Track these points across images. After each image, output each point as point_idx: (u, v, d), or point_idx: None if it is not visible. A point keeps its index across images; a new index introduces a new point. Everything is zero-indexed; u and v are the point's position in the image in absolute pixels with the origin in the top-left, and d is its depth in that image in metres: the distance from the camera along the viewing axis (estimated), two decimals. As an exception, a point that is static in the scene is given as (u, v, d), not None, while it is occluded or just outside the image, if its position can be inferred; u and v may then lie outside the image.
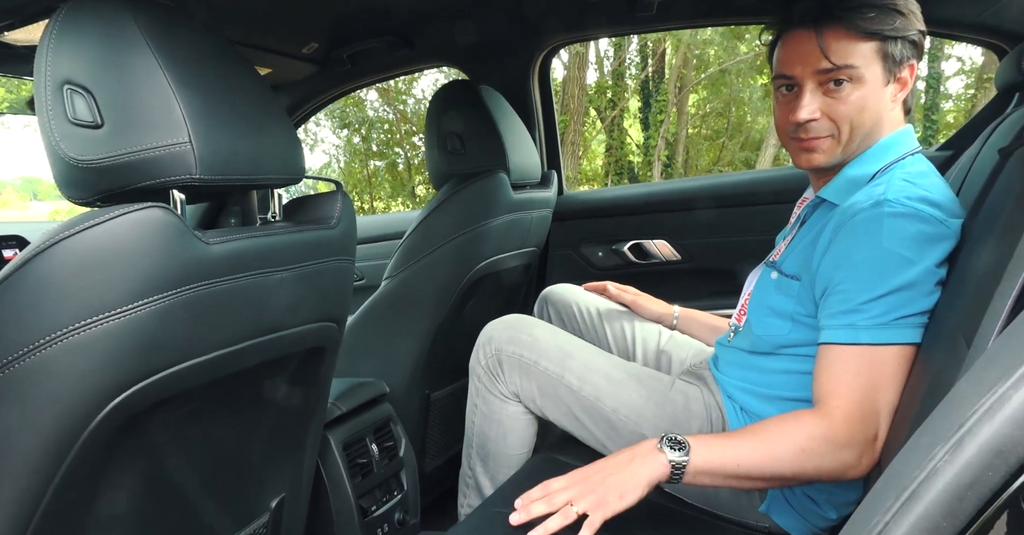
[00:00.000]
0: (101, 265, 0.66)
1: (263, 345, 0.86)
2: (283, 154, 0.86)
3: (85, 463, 0.69)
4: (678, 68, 9.31)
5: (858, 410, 0.88)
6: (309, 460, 1.06)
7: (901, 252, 0.87)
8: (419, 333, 1.42)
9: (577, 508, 0.84)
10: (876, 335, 0.88)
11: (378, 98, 9.77)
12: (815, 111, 0.98)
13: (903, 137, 1.01)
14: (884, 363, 0.88)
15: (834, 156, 1.01)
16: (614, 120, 9.49)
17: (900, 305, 0.88)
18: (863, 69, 0.95)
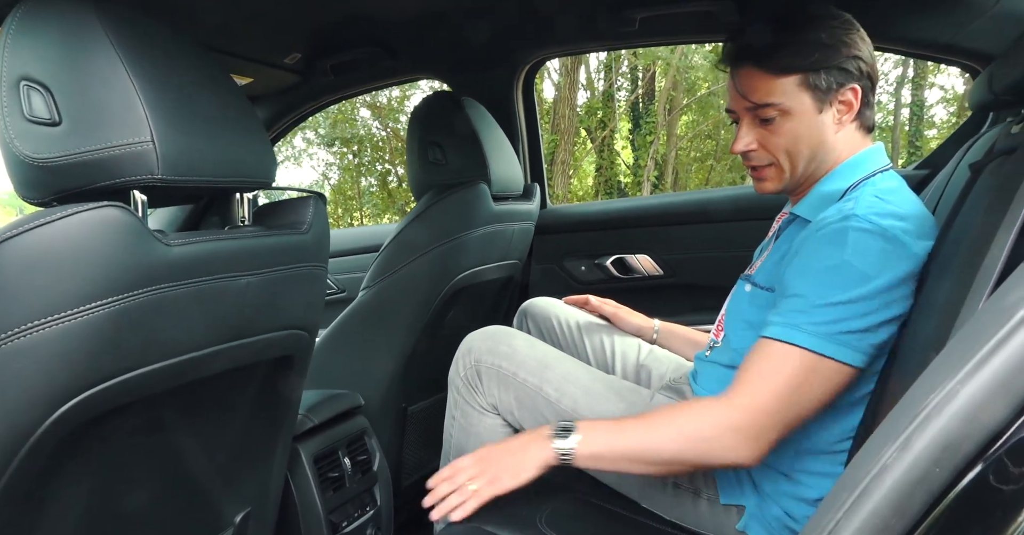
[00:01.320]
0: (51, 265, 0.64)
1: (227, 352, 0.83)
2: (252, 158, 0.84)
3: (29, 474, 0.66)
4: (667, 90, 9.44)
5: (762, 404, 0.88)
6: (277, 473, 1.03)
7: (860, 267, 0.88)
8: (396, 345, 1.39)
9: (473, 486, 0.91)
10: (814, 343, 0.88)
11: (371, 116, 9.82)
12: (751, 143, 1.03)
13: (872, 155, 1.03)
14: (811, 372, 0.88)
15: (783, 182, 1.05)
16: (604, 140, 9.57)
17: (848, 318, 0.87)
18: (788, 102, 0.98)
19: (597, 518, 1.08)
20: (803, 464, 1.03)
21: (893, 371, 0.90)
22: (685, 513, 1.10)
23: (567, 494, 1.13)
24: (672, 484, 1.10)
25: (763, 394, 0.89)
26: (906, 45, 1.03)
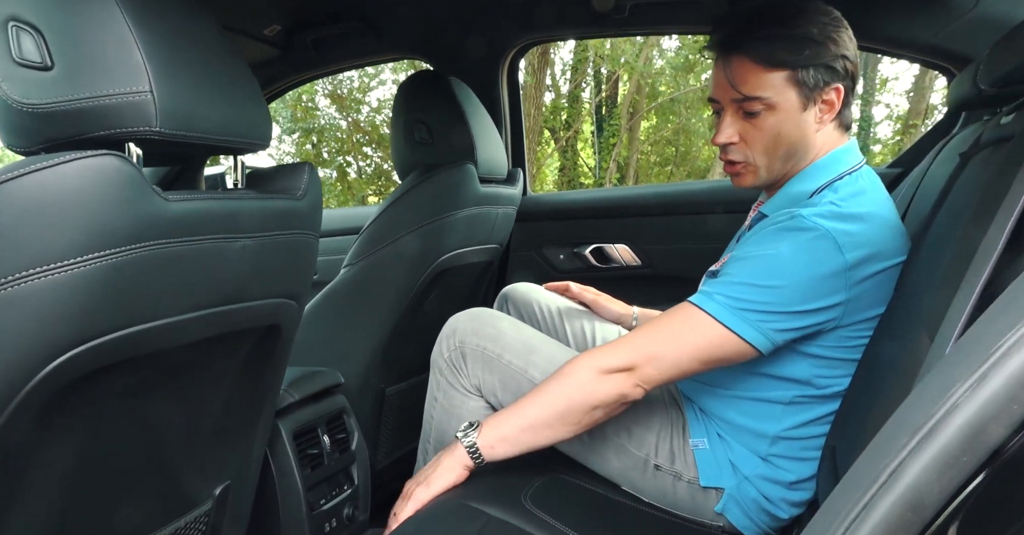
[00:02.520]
0: (46, 212, 0.61)
1: (218, 316, 0.80)
2: (249, 118, 0.81)
3: (16, 431, 0.62)
4: (631, 94, 9.56)
5: (634, 344, 0.96)
6: (258, 447, 0.99)
7: (787, 260, 0.91)
8: (377, 324, 1.37)
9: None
10: (716, 310, 0.93)
11: (330, 104, 9.64)
12: (732, 135, 1.03)
13: (843, 155, 1.04)
14: (700, 331, 0.94)
15: (759, 178, 1.06)
16: (568, 141, 9.64)
17: (758, 300, 0.92)
18: (775, 97, 0.98)
19: (580, 497, 1.09)
20: (779, 449, 1.06)
21: (870, 364, 0.93)
22: (665, 495, 1.11)
23: (550, 475, 1.13)
24: (653, 467, 1.11)
25: (640, 338, 0.96)
26: (887, 44, 1.07)
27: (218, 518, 0.94)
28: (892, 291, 0.94)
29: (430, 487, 0.99)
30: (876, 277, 0.93)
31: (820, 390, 1.02)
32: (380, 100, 9.62)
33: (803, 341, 0.98)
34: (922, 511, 0.34)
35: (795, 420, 1.04)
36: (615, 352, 0.96)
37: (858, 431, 0.85)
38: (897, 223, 0.99)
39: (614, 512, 1.06)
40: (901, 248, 0.96)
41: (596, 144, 9.50)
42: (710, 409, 1.12)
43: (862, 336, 0.97)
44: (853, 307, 0.94)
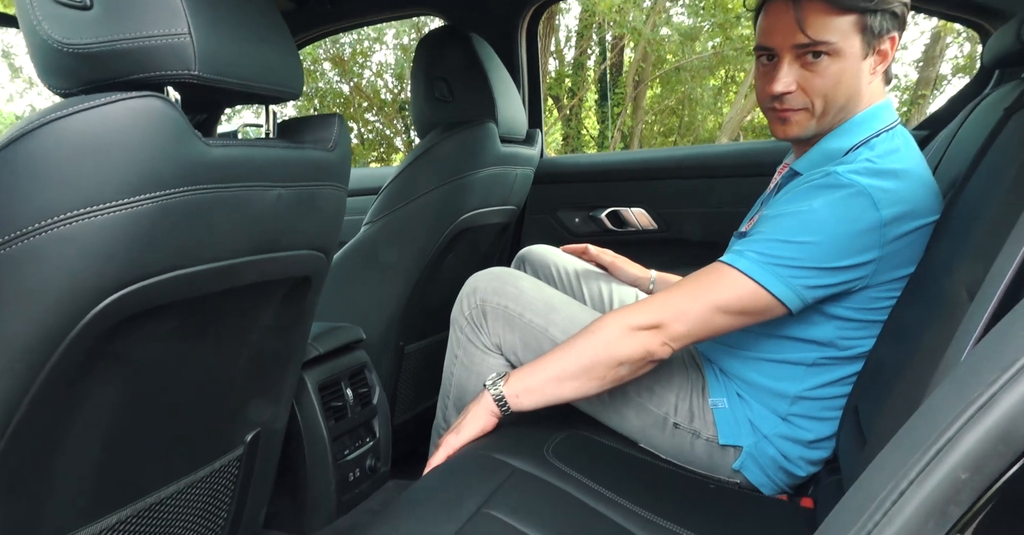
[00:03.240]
0: (96, 152, 0.61)
1: (255, 264, 0.81)
2: (285, 66, 0.81)
3: (69, 369, 0.64)
4: (637, 62, 9.42)
5: (666, 301, 0.96)
6: (287, 396, 1.01)
7: (821, 217, 0.91)
8: (398, 282, 1.37)
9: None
10: (748, 267, 0.93)
11: (332, 69, 9.50)
12: (791, 84, 1.00)
13: (880, 112, 1.02)
14: (730, 288, 0.94)
15: (808, 128, 1.03)
16: (572, 109, 9.53)
17: (790, 256, 0.91)
18: (841, 43, 0.96)
19: (599, 452, 1.11)
20: (800, 409, 1.07)
21: (897, 325, 0.93)
22: (682, 453, 1.13)
23: (571, 431, 1.15)
24: (672, 425, 1.13)
25: (670, 296, 0.96)
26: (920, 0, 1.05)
27: (249, 463, 0.96)
28: (923, 251, 0.94)
29: (460, 434, 1.01)
30: (909, 235, 0.93)
31: (843, 352, 1.02)
32: (380, 64, 9.46)
33: (830, 302, 0.98)
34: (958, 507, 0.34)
35: (817, 381, 1.05)
36: (644, 309, 0.97)
37: (885, 392, 0.85)
38: (932, 182, 0.98)
39: (633, 466, 1.08)
40: (936, 207, 0.95)
41: (601, 113, 9.39)
42: (731, 370, 1.12)
43: (889, 297, 0.97)
44: (884, 266, 0.94)
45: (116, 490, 0.77)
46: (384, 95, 9.18)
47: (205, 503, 0.91)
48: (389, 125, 9.37)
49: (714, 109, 9.60)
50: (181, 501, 0.86)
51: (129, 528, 0.80)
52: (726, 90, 9.69)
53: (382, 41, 8.97)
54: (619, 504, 0.94)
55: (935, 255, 0.88)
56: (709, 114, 9.97)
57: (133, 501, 0.79)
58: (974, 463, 0.32)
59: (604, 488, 0.97)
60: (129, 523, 0.79)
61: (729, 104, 9.55)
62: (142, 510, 0.80)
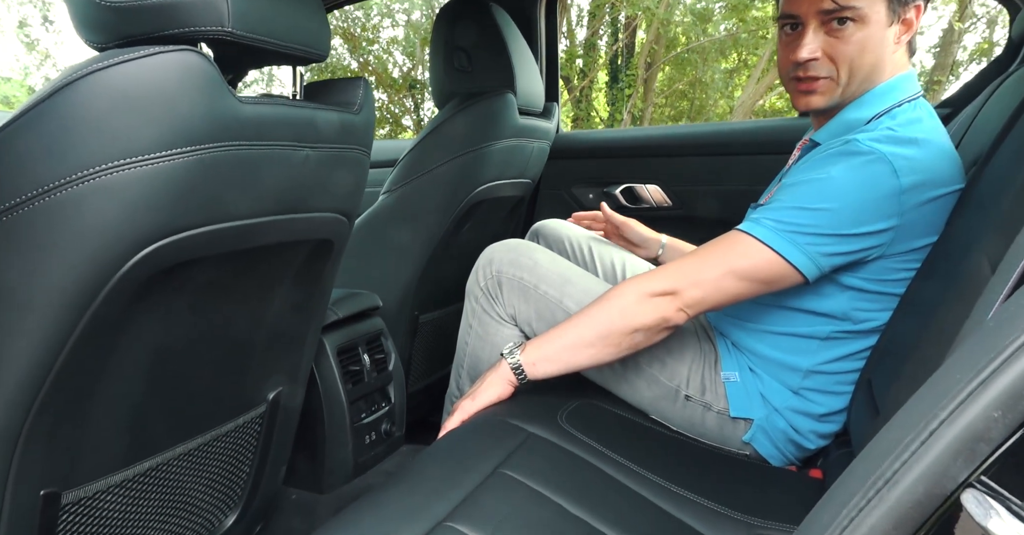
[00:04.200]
0: (135, 104, 0.62)
1: (281, 224, 0.82)
2: (314, 27, 0.81)
3: (108, 316, 0.65)
4: (650, 43, 9.32)
5: (681, 268, 0.96)
6: (307, 356, 1.03)
7: (840, 183, 0.91)
8: (414, 251, 1.38)
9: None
10: (764, 234, 0.93)
11: (342, 44, 9.43)
12: (816, 50, 0.99)
13: (903, 82, 1.02)
14: (746, 255, 0.94)
15: (833, 98, 1.02)
16: (582, 91, 9.45)
17: (808, 224, 0.91)
18: (866, 9, 0.95)
19: (612, 420, 1.12)
20: (812, 383, 1.08)
21: (913, 298, 0.94)
22: (693, 425, 1.14)
23: (584, 400, 1.16)
24: (684, 397, 1.14)
25: (688, 262, 0.96)
26: None
27: (271, 421, 0.98)
28: (943, 223, 0.94)
29: (476, 400, 1.02)
30: (928, 205, 0.93)
31: (858, 325, 1.03)
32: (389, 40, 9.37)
33: (845, 272, 0.98)
34: (906, 528, 0.35)
35: (830, 355, 1.06)
36: (659, 276, 0.97)
37: (900, 365, 0.86)
38: (953, 152, 0.98)
39: (644, 435, 1.10)
40: (956, 177, 0.95)
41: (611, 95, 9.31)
42: (743, 344, 1.13)
43: (906, 268, 0.97)
44: (902, 234, 0.94)
45: (148, 437, 0.79)
46: (393, 72, 9.12)
47: (229, 457, 0.94)
48: (398, 103, 9.31)
49: (725, 93, 9.51)
50: (208, 453, 0.89)
51: (160, 475, 0.82)
52: (738, 74, 9.59)
53: (392, 17, 8.90)
54: (632, 470, 0.96)
55: (957, 228, 0.88)
56: (721, 97, 9.88)
57: (164, 450, 0.81)
58: (1007, 402, 0.33)
59: (617, 455, 0.99)
60: (160, 470, 0.82)
61: (741, 88, 9.45)
62: (171, 458, 0.83)
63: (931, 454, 0.35)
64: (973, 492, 0.34)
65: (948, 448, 0.35)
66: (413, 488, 0.81)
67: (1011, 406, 0.34)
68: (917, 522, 0.36)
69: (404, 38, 8.85)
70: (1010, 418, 0.34)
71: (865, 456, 0.40)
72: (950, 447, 0.35)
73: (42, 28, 7.65)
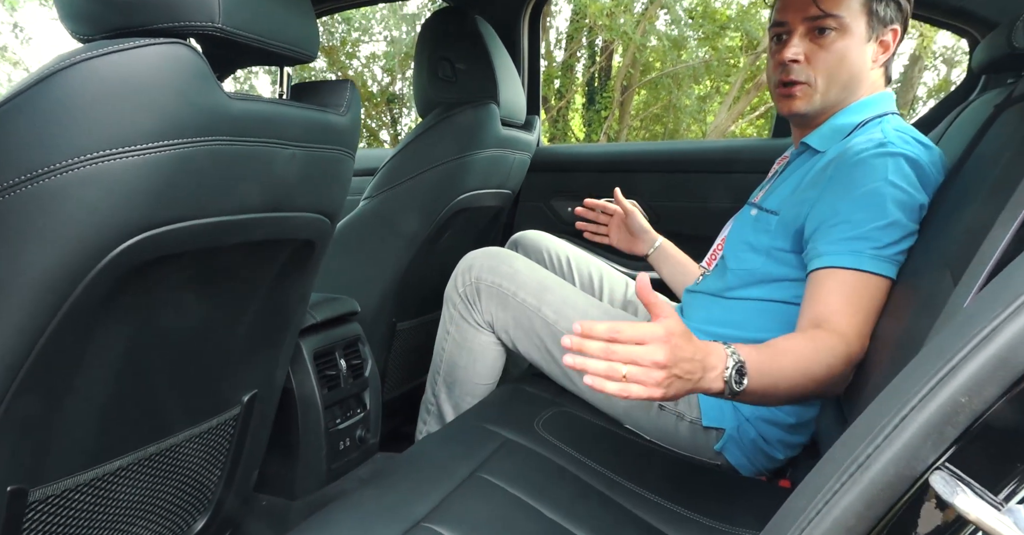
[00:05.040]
0: (123, 94, 0.62)
1: (265, 222, 0.82)
2: (302, 26, 0.82)
3: (86, 308, 0.65)
4: (626, 67, 9.50)
5: (862, 327, 0.92)
6: (283, 360, 1.02)
7: (904, 187, 0.94)
8: (394, 257, 1.39)
9: (627, 372, 0.69)
10: (877, 265, 0.93)
11: (322, 57, 9.42)
12: (799, 53, 1.05)
13: (885, 98, 1.09)
14: (876, 293, 0.94)
15: (813, 103, 1.07)
16: (560, 111, 9.57)
17: (898, 239, 0.93)
18: (848, 20, 1.02)
19: (587, 428, 1.13)
20: None
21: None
22: (666, 434, 1.16)
23: (559, 408, 1.17)
24: (657, 406, 1.16)
25: (860, 320, 0.92)
26: (916, 5, 1.10)
27: (245, 424, 0.97)
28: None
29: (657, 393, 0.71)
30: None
31: None
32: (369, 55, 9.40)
33: None
34: (878, 507, 0.37)
35: None
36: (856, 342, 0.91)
37: (867, 373, 0.89)
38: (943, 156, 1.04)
39: (619, 443, 1.11)
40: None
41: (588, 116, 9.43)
42: None
43: None
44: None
45: (120, 435, 0.78)
46: (372, 87, 9.14)
47: (202, 459, 0.92)
48: (376, 117, 9.32)
49: (698, 118, 9.72)
50: (180, 454, 0.87)
51: (130, 475, 0.80)
52: (711, 100, 9.82)
53: (370, 33, 8.93)
54: (607, 476, 0.97)
55: (921, 244, 0.92)
56: (693, 122, 10.09)
57: (135, 449, 0.80)
58: (974, 388, 0.35)
59: (592, 461, 1.00)
60: (130, 470, 0.80)
61: (713, 114, 9.66)
62: (143, 458, 0.81)
63: (902, 438, 0.37)
64: (941, 473, 0.36)
65: (918, 432, 0.37)
66: (391, 489, 0.80)
67: (977, 392, 0.35)
68: (888, 503, 0.37)
69: (384, 54, 8.89)
70: (976, 403, 0.36)
71: (840, 443, 0.42)
72: (920, 431, 0.37)
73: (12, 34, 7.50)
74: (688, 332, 0.75)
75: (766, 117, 8.41)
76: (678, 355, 0.71)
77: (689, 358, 0.73)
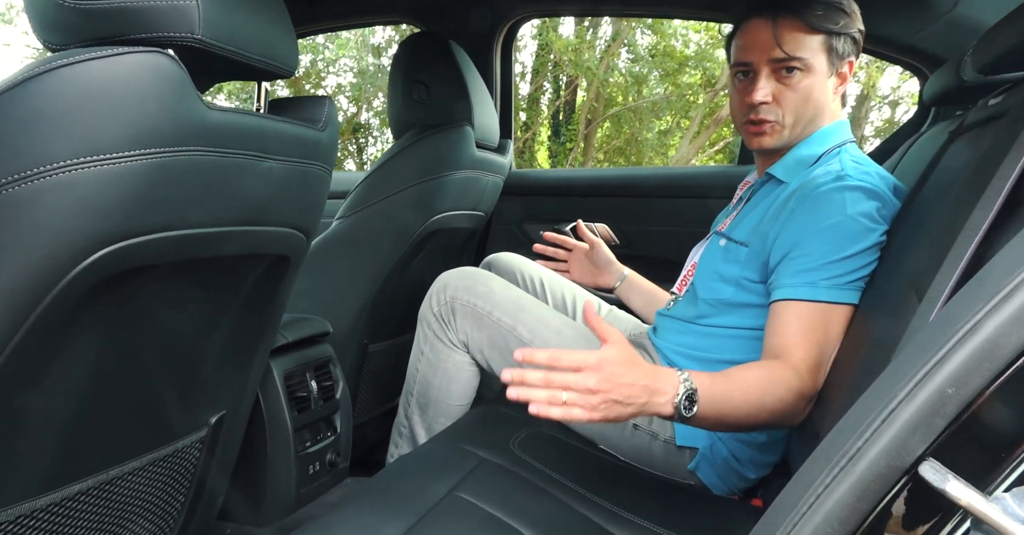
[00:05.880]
0: (101, 102, 0.61)
1: (240, 236, 0.81)
2: (283, 41, 0.82)
3: (53, 321, 0.62)
4: (590, 101, 9.73)
5: (816, 362, 0.95)
6: (253, 380, 0.99)
7: (862, 220, 0.97)
8: (367, 277, 1.37)
9: (567, 398, 0.74)
10: (834, 294, 0.96)
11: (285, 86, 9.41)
12: (768, 94, 1.08)
13: (842, 127, 1.13)
14: (835, 322, 0.97)
15: (782, 138, 1.11)
16: (525, 143, 9.71)
17: (856, 268, 0.97)
18: (811, 60, 1.06)
19: (562, 448, 1.13)
20: None
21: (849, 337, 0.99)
22: (640, 454, 1.16)
23: (534, 429, 1.16)
24: (632, 426, 1.16)
25: (814, 354, 0.95)
26: (869, 42, 1.16)
27: (211, 446, 0.93)
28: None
29: (598, 416, 0.76)
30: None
31: None
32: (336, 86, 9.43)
33: None
34: (869, 499, 0.38)
35: None
36: (808, 376, 0.93)
37: (836, 389, 0.91)
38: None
39: (594, 463, 1.11)
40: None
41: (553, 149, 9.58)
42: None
43: None
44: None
45: (81, 458, 0.74)
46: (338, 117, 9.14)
47: (165, 484, 0.88)
48: (342, 147, 9.30)
49: (660, 151, 9.98)
50: (142, 478, 0.83)
51: (89, 500, 0.76)
52: (672, 134, 10.09)
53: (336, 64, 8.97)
54: (583, 495, 0.96)
55: (884, 268, 0.95)
56: (655, 156, 10.35)
57: (96, 472, 0.76)
58: (960, 378, 0.36)
59: (568, 480, 0.99)
60: (90, 494, 0.76)
61: (675, 148, 9.92)
62: (103, 482, 0.77)
63: (891, 430, 0.38)
64: (931, 463, 0.37)
65: (907, 424, 0.38)
66: (366, 509, 0.78)
67: (963, 382, 0.36)
68: (879, 494, 0.38)
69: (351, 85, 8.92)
70: (963, 394, 0.37)
71: (830, 439, 0.43)
72: (909, 423, 0.37)
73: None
74: (632, 359, 0.79)
75: (724, 152, 8.68)
76: (615, 381, 0.76)
77: (629, 383, 0.77)
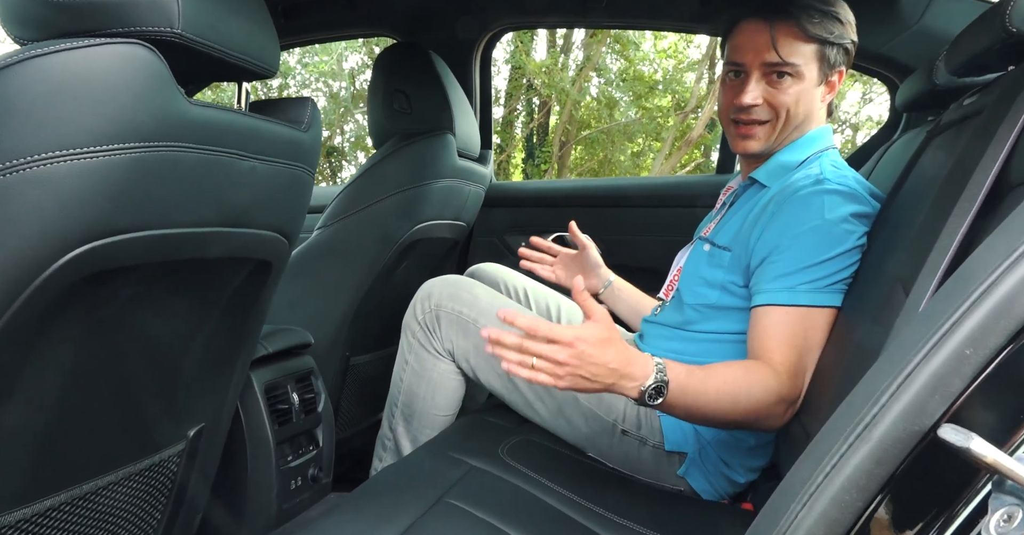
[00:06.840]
0: (76, 93, 0.58)
1: (221, 237, 0.78)
2: (264, 40, 0.81)
3: (25, 325, 0.59)
4: (563, 124, 9.85)
5: (796, 366, 0.96)
6: (233, 392, 0.95)
7: (841, 224, 0.98)
8: (351, 287, 1.34)
9: (535, 363, 0.79)
10: (813, 298, 0.97)
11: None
12: (758, 97, 1.08)
13: (825, 133, 1.14)
14: (816, 325, 0.97)
15: (768, 142, 1.11)
16: (500, 164, 9.78)
17: (835, 271, 0.98)
18: (803, 67, 1.06)
19: (551, 455, 1.11)
20: None
21: (835, 342, 1.00)
22: (629, 460, 1.14)
23: (523, 437, 1.15)
24: (620, 432, 1.14)
25: (793, 358, 0.95)
26: None
27: (190, 460, 0.89)
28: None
29: (567, 385, 0.81)
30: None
31: None
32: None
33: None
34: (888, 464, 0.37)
35: None
36: (788, 381, 0.94)
37: (824, 389, 0.91)
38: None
39: (583, 469, 1.10)
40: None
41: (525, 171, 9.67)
42: None
43: None
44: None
45: (54, 471, 0.70)
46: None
47: (141, 500, 0.84)
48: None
49: (633, 173, 10.12)
50: (118, 493, 0.79)
51: (61, 516, 0.72)
52: (644, 156, 10.25)
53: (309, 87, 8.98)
54: (573, 501, 0.94)
55: (868, 267, 0.96)
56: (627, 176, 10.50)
57: (69, 486, 0.72)
58: (977, 338, 0.36)
59: (558, 486, 0.97)
60: (62, 511, 0.72)
61: (647, 170, 10.08)
62: (77, 498, 0.73)
63: (909, 393, 0.37)
64: (950, 425, 0.36)
65: (925, 387, 0.37)
66: (355, 517, 0.75)
67: (981, 342, 0.36)
68: (898, 458, 0.37)
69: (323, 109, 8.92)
70: (980, 354, 0.36)
71: (844, 407, 0.42)
72: (927, 386, 0.37)
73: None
74: (609, 340, 0.82)
75: (696, 172, 8.83)
76: (584, 360, 0.81)
77: (599, 363, 0.81)
